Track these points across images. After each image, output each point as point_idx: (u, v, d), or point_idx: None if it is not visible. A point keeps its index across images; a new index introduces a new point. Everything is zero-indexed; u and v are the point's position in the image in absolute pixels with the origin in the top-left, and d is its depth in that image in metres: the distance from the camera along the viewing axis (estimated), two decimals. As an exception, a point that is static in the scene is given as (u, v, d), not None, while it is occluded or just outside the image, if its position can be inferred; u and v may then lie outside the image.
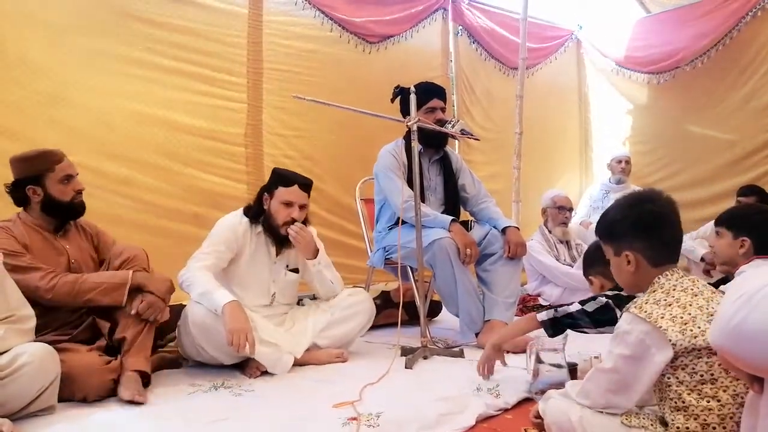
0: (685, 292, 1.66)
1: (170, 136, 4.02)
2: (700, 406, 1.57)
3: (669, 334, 1.58)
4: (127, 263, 2.66)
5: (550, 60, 6.36)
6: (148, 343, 2.58)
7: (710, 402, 1.57)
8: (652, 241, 1.75)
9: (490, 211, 3.70)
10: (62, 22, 3.63)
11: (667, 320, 1.60)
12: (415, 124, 3.11)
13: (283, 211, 2.97)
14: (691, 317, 1.60)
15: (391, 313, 3.74)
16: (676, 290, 1.68)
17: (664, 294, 1.68)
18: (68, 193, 2.62)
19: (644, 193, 1.94)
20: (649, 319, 1.61)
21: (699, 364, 1.58)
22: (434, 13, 5.42)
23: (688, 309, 1.62)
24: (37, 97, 3.52)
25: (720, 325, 1.21)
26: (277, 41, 4.52)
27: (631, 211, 1.81)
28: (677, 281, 1.70)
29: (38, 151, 2.61)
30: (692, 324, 1.59)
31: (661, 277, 1.73)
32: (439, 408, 2.21)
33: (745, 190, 4.74)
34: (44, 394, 2.14)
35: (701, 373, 1.58)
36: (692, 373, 1.59)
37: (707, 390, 1.58)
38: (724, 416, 1.56)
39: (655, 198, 1.82)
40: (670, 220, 1.78)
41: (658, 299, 1.66)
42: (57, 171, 2.58)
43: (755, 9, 5.29)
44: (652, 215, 1.77)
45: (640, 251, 1.76)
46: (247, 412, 2.26)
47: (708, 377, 1.58)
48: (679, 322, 1.59)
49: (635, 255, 1.76)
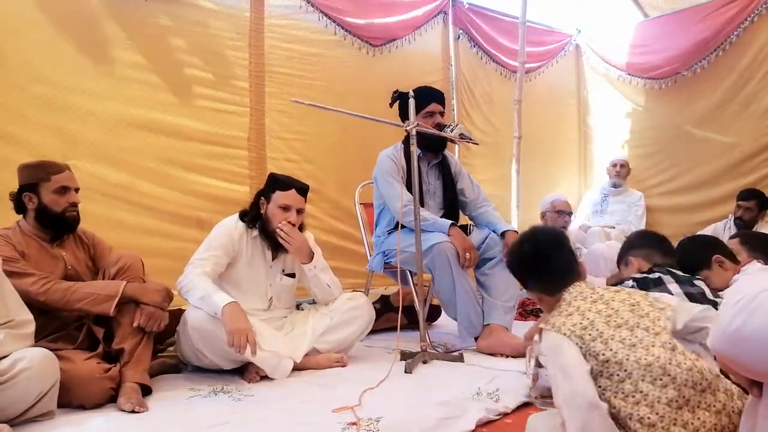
0: (585, 300, 1.86)
1: (172, 139, 4.01)
2: (628, 404, 1.64)
3: (572, 338, 1.75)
4: (122, 272, 2.66)
5: (549, 64, 6.37)
6: (147, 354, 2.59)
7: (635, 396, 1.64)
8: (540, 276, 2.04)
9: (489, 215, 3.70)
10: (63, 26, 3.63)
11: (569, 327, 1.78)
12: (414, 128, 3.12)
13: (280, 215, 2.97)
14: (589, 321, 1.78)
15: (391, 317, 3.74)
16: (576, 300, 1.87)
17: (566, 306, 1.88)
18: (61, 205, 2.62)
19: (522, 235, 2.18)
20: (553, 328, 1.80)
21: (611, 367, 1.68)
22: (435, 17, 5.43)
23: (586, 315, 1.80)
24: (39, 102, 3.52)
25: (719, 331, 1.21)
26: (279, 44, 4.52)
27: (513, 257, 2.15)
28: (577, 293, 1.91)
29: (41, 161, 2.67)
30: (591, 328, 1.76)
31: (565, 293, 1.93)
32: (438, 412, 2.21)
33: (746, 194, 4.75)
34: (43, 400, 2.14)
35: (616, 373, 1.67)
36: (609, 376, 1.68)
37: (628, 386, 1.65)
38: (651, 403, 1.62)
39: (527, 238, 2.11)
40: (545, 254, 2.04)
41: (561, 311, 1.87)
42: (53, 181, 2.60)
43: (753, 14, 5.30)
44: (529, 255, 2.07)
45: (535, 289, 2.06)
46: (247, 417, 2.26)
47: (624, 375, 1.66)
48: (578, 327, 1.77)
49: (534, 294, 2.07)
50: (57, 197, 2.61)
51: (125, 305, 2.55)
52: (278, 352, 2.79)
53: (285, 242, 2.97)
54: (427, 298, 3.56)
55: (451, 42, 5.62)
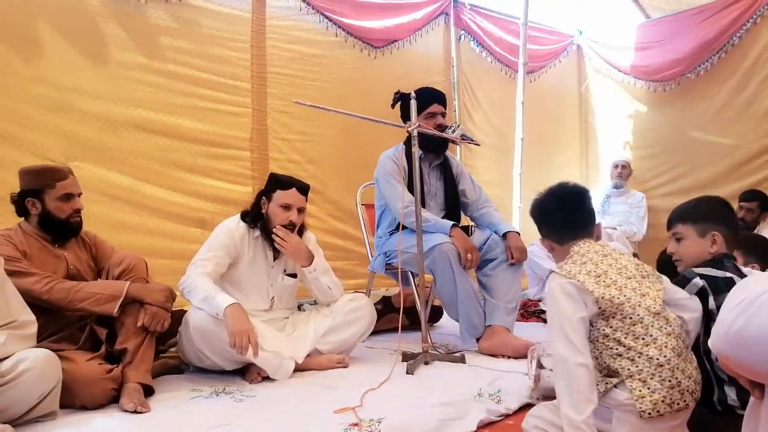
0: (596, 254, 1.94)
1: (174, 140, 4.02)
2: (639, 344, 1.78)
3: (587, 284, 1.82)
4: (126, 273, 2.67)
5: (551, 65, 6.37)
6: (150, 355, 2.59)
7: (645, 338, 1.78)
8: (554, 224, 2.12)
9: (490, 216, 3.70)
10: (65, 27, 3.64)
11: (584, 274, 1.85)
12: (415, 129, 3.12)
13: (282, 215, 2.98)
14: (603, 271, 1.87)
15: (392, 318, 3.75)
16: (588, 254, 1.94)
17: (579, 257, 1.95)
18: (65, 211, 2.63)
19: (550, 187, 2.24)
20: (568, 275, 1.86)
21: (625, 308, 1.81)
22: (436, 17, 5.43)
23: (600, 265, 1.88)
24: (40, 103, 3.53)
25: (720, 332, 1.21)
26: (281, 45, 4.52)
27: (536, 203, 2.22)
28: (588, 247, 1.97)
29: (44, 167, 2.67)
30: (605, 276, 1.85)
31: (575, 247, 2.00)
32: (440, 413, 2.21)
33: (748, 195, 4.74)
34: (46, 400, 2.15)
35: (629, 316, 1.81)
36: (622, 318, 1.81)
37: (639, 329, 1.79)
38: (660, 347, 1.77)
39: (554, 188, 2.19)
40: (566, 205, 2.12)
41: (574, 261, 1.94)
42: (58, 188, 2.60)
43: (755, 16, 5.30)
44: (551, 203, 2.16)
45: (549, 237, 2.13)
46: (249, 418, 2.26)
47: (636, 319, 1.80)
48: (593, 274, 1.85)
49: (547, 242, 2.15)
50: (61, 204, 2.62)
51: (128, 305, 2.55)
52: (280, 352, 2.80)
53: (280, 246, 2.97)
54: (429, 299, 3.56)
55: (453, 43, 5.63)
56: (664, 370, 1.74)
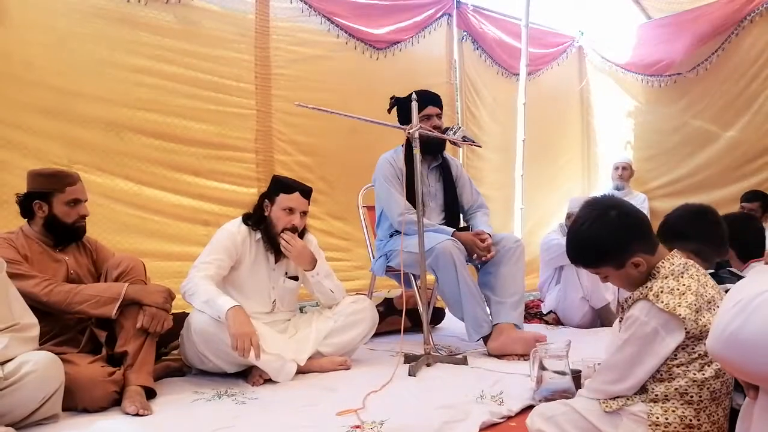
0: (692, 278, 1.73)
1: (178, 143, 4.03)
2: (687, 378, 1.68)
3: (687, 323, 1.65)
4: (124, 274, 2.67)
5: (552, 66, 6.37)
6: (151, 357, 2.59)
7: (696, 375, 1.68)
8: (643, 234, 1.83)
9: (476, 219, 3.74)
10: (68, 30, 3.65)
11: (684, 308, 1.66)
12: (416, 131, 3.11)
13: (285, 218, 2.98)
14: (705, 301, 1.69)
15: (394, 320, 3.74)
16: (683, 277, 1.73)
17: (675, 282, 1.72)
18: (72, 216, 2.65)
19: (595, 206, 1.92)
20: (667, 308, 1.67)
21: (698, 344, 1.68)
22: (439, 19, 5.43)
23: (700, 294, 1.69)
24: (44, 107, 3.53)
25: (716, 333, 1.21)
26: (285, 47, 4.53)
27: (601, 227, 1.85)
28: (682, 265, 1.76)
29: (55, 170, 2.68)
30: (701, 313, 1.68)
31: (666, 262, 1.78)
32: (442, 415, 2.21)
33: (749, 196, 4.74)
34: (48, 403, 2.15)
35: (697, 351, 1.68)
36: (689, 351, 1.69)
37: (696, 365, 1.68)
38: (702, 387, 1.68)
39: (606, 205, 1.87)
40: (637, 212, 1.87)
41: (671, 288, 1.70)
42: (67, 193, 2.62)
43: (753, 14, 5.30)
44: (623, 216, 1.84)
45: (641, 251, 1.81)
46: (251, 420, 2.26)
47: (697, 355, 1.68)
48: (693, 308, 1.66)
49: (637, 258, 1.80)
50: (69, 209, 2.63)
51: (127, 308, 2.55)
52: (282, 355, 2.80)
53: (285, 251, 2.97)
54: (431, 300, 3.55)
55: (455, 44, 5.63)
56: (690, 409, 1.69)
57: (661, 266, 1.77)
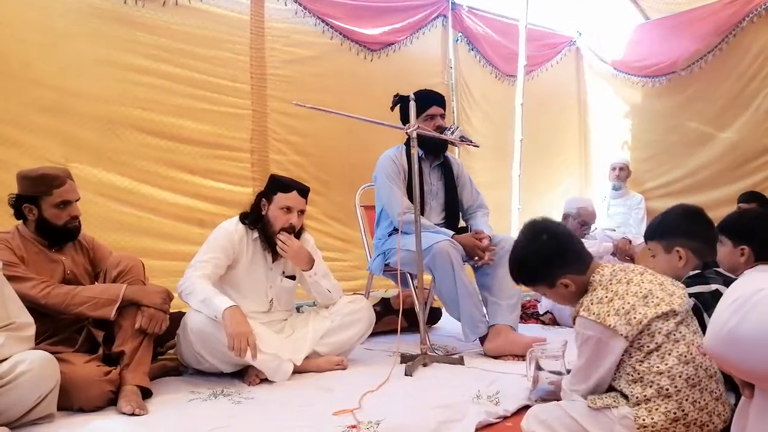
0: (620, 283, 1.86)
1: (175, 142, 4.03)
2: (653, 372, 1.75)
3: (619, 329, 1.76)
4: (123, 275, 2.66)
5: (549, 66, 6.37)
6: (147, 357, 2.58)
7: (660, 366, 1.75)
8: (568, 257, 1.97)
9: (475, 219, 3.74)
10: (65, 29, 3.64)
11: (613, 317, 1.78)
12: (414, 131, 3.11)
13: (282, 217, 2.98)
14: (630, 305, 1.79)
15: (391, 320, 3.74)
16: (612, 284, 1.86)
17: (603, 291, 1.86)
18: (62, 218, 2.61)
19: (528, 231, 2.08)
20: (598, 320, 1.80)
21: (643, 338, 1.78)
22: (434, 20, 5.43)
23: (626, 299, 1.80)
24: (40, 105, 3.53)
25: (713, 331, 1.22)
26: (280, 48, 4.54)
27: (529, 252, 2.04)
28: (610, 274, 1.90)
29: (41, 173, 2.60)
30: (633, 312, 1.78)
31: (595, 275, 1.92)
32: (438, 415, 2.21)
33: (746, 196, 4.74)
34: (43, 402, 2.14)
35: (647, 344, 1.77)
36: (639, 347, 1.78)
37: (655, 357, 1.76)
38: (673, 376, 1.74)
39: (538, 229, 2.03)
40: (565, 235, 2.03)
41: (600, 298, 1.85)
42: (54, 195, 2.57)
43: (752, 15, 5.30)
44: (551, 241, 1.99)
45: (569, 273, 1.95)
46: (247, 420, 2.26)
47: (653, 346, 1.77)
48: (622, 312, 1.78)
49: (566, 280, 1.95)
50: (58, 212, 2.59)
51: (126, 308, 2.55)
52: (278, 354, 2.79)
53: (282, 251, 2.97)
54: (428, 300, 3.55)
55: (450, 45, 5.63)
56: (671, 402, 1.73)
57: (593, 280, 1.91)
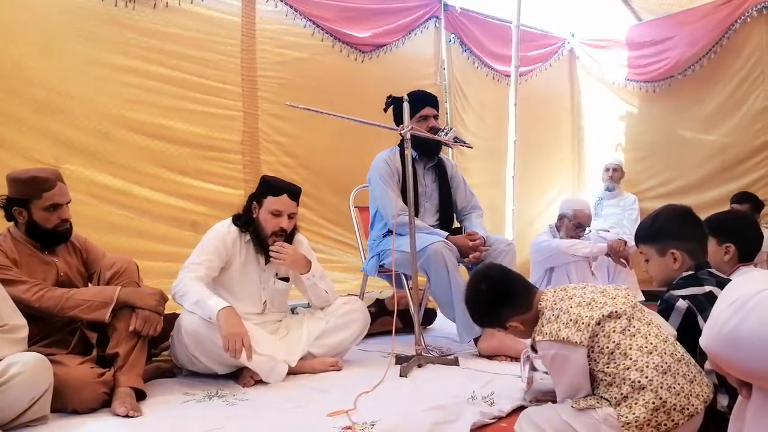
0: (563, 300, 1.96)
1: (166, 143, 4.03)
2: (621, 370, 1.81)
3: (572, 338, 1.85)
4: (117, 276, 2.65)
5: (542, 68, 6.39)
6: (142, 359, 2.57)
7: (625, 362, 1.81)
8: (512, 300, 2.07)
9: (469, 221, 3.74)
10: (57, 31, 3.63)
11: (564, 329, 1.88)
12: (408, 132, 3.11)
13: (272, 221, 2.96)
14: (576, 314, 1.88)
15: (386, 321, 3.74)
16: (557, 303, 1.97)
17: (550, 312, 1.96)
18: (52, 221, 2.59)
19: (471, 282, 2.24)
20: (552, 338, 1.89)
21: (600, 341, 1.85)
22: (426, 21, 5.44)
23: (571, 311, 1.90)
24: (32, 106, 3.52)
25: (713, 331, 1.21)
26: (271, 49, 4.54)
27: (475, 301, 2.18)
28: (552, 297, 2.00)
29: (31, 175, 2.57)
30: (580, 319, 1.87)
31: (540, 303, 2.02)
32: (433, 416, 2.21)
33: (739, 197, 4.77)
34: (36, 404, 2.13)
35: (606, 346, 1.84)
36: (601, 351, 1.85)
37: (618, 356, 1.83)
38: (641, 368, 1.79)
39: (478, 278, 2.18)
40: (505, 280, 2.13)
41: (548, 319, 1.95)
42: (44, 199, 2.55)
43: (744, 16, 5.33)
44: (491, 288, 2.11)
45: (515, 313, 2.07)
46: (241, 422, 2.25)
47: (613, 346, 1.84)
48: (572, 323, 1.87)
49: (515, 321, 2.08)
50: (48, 215, 2.57)
51: (120, 310, 2.53)
52: (273, 356, 2.79)
53: (278, 261, 2.96)
54: (422, 301, 3.55)
55: (443, 46, 5.64)
56: (647, 393, 1.76)
57: (541, 307, 2.01)
